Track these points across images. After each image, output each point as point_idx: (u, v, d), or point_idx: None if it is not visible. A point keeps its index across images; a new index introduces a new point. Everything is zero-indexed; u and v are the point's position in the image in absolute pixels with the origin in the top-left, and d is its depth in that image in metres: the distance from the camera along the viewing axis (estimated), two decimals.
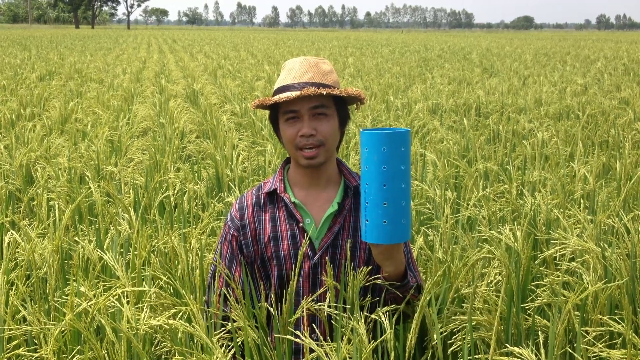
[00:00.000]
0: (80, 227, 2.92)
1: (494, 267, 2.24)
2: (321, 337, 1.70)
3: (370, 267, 1.76)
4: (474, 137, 5.05)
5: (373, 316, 1.69)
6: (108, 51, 22.70)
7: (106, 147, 4.32)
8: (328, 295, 1.74)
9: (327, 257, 1.84)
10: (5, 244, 2.27)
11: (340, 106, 1.85)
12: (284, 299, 1.81)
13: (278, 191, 1.89)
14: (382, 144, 1.63)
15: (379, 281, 1.76)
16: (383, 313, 1.66)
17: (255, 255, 1.89)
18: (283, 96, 1.78)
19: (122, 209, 2.94)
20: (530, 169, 4.09)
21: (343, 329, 1.68)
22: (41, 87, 8.91)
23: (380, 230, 1.65)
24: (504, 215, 3.05)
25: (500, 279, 2.22)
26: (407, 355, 1.69)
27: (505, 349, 1.75)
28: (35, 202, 3.12)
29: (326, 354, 1.57)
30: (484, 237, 2.63)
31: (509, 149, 4.76)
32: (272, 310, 1.72)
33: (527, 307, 2.07)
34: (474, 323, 1.91)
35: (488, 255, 2.29)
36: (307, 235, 1.83)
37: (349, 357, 1.61)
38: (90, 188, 3.16)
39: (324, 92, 1.75)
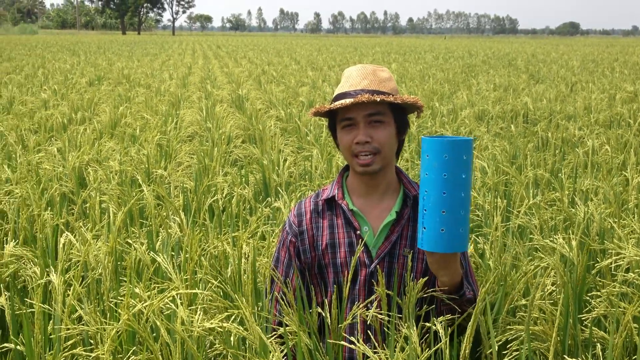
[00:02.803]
0: (132, 229, 2.97)
1: (548, 277, 2.20)
2: (376, 345, 1.69)
3: (427, 278, 1.74)
4: (522, 144, 4.98)
5: (428, 325, 1.67)
6: (154, 57, 23.08)
7: (156, 151, 4.39)
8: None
9: (383, 266, 1.83)
10: (60, 245, 2.32)
11: (398, 114, 1.84)
12: (339, 306, 1.82)
13: (336, 198, 1.89)
14: (444, 151, 1.61)
15: (435, 293, 1.74)
16: (438, 323, 1.64)
17: (313, 261, 1.89)
18: (337, 103, 1.78)
19: (173, 212, 2.98)
20: (582, 177, 4.01)
21: (396, 337, 1.67)
22: (91, 91, 9.11)
23: (438, 238, 1.63)
24: (555, 224, 2.99)
25: (555, 288, 2.18)
26: None
27: None
28: (88, 205, 3.18)
29: None
30: (535, 245, 2.59)
31: (559, 157, 4.68)
32: (324, 313, 1.72)
33: (583, 318, 2.02)
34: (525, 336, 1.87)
35: (542, 264, 2.25)
36: (362, 242, 1.82)
37: None
38: (141, 191, 3.21)
39: (377, 99, 1.75)
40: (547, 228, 2.88)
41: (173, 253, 2.58)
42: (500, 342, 1.89)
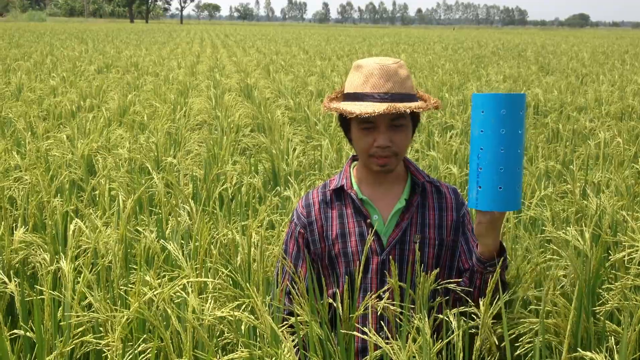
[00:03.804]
0: (141, 217, 2.96)
1: (560, 269, 2.18)
2: (389, 335, 1.67)
3: (438, 270, 1.73)
4: (533, 135, 4.94)
5: (441, 316, 1.65)
6: (162, 45, 23.05)
7: (165, 139, 4.37)
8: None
9: (394, 254, 1.82)
10: (70, 232, 2.31)
11: (415, 115, 1.82)
12: (352, 296, 1.80)
13: (345, 187, 1.87)
14: (501, 106, 1.57)
15: (450, 285, 1.71)
16: (452, 314, 1.62)
17: (323, 252, 1.88)
18: (364, 110, 1.72)
19: (182, 200, 2.97)
20: (593, 169, 3.98)
21: (408, 328, 1.65)
22: (99, 79, 9.10)
23: (495, 196, 1.60)
24: (567, 216, 2.97)
25: (567, 281, 2.16)
26: (474, 356, 1.65)
27: (576, 354, 1.70)
28: (97, 192, 3.17)
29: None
30: (548, 237, 2.57)
31: (570, 149, 4.64)
32: (335, 304, 1.71)
33: (596, 311, 2.00)
34: (539, 328, 1.85)
35: (554, 257, 2.23)
36: (372, 231, 1.81)
37: (413, 357, 1.58)
38: (151, 179, 3.20)
39: (407, 110, 1.71)
40: (559, 220, 2.85)
41: (183, 241, 2.57)
42: (513, 336, 1.87)
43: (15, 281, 2.03)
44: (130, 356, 1.69)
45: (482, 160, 1.59)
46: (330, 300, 1.79)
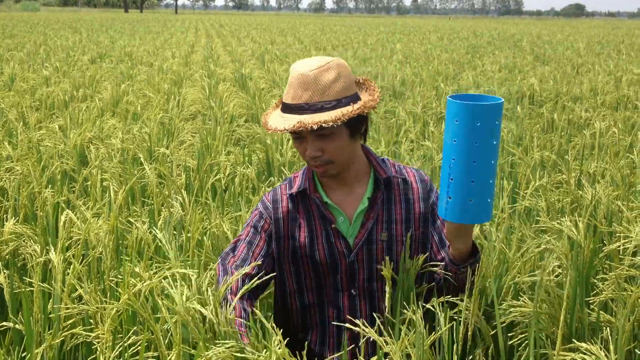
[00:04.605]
0: (133, 208, 2.94)
1: (554, 259, 2.17)
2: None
3: (426, 255, 1.72)
4: (529, 125, 4.93)
5: (428, 306, 1.62)
6: (157, 35, 22.94)
7: (158, 129, 4.34)
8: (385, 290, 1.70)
9: (362, 255, 1.79)
10: (61, 223, 2.29)
11: (350, 120, 1.67)
12: (322, 292, 1.82)
13: (308, 192, 1.81)
14: (476, 117, 1.47)
15: (438, 270, 1.71)
16: (438, 304, 1.61)
17: (287, 250, 1.83)
18: (273, 127, 1.67)
19: (175, 191, 2.95)
20: (589, 159, 3.97)
21: (398, 320, 1.64)
22: (93, 69, 9.04)
23: (465, 208, 1.53)
24: (562, 206, 2.96)
25: (561, 271, 2.15)
26: (458, 347, 1.64)
27: (570, 345, 1.69)
28: (89, 183, 3.15)
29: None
30: (542, 228, 2.55)
31: (565, 139, 4.63)
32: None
33: (589, 301, 1.99)
34: (533, 317, 1.84)
35: (548, 246, 2.21)
36: (340, 235, 1.79)
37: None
38: (143, 169, 3.18)
39: (314, 127, 1.59)
40: (554, 210, 2.84)
41: (175, 232, 2.55)
42: (505, 324, 1.86)
43: (4, 273, 2.01)
44: (120, 349, 1.67)
45: (454, 171, 1.51)
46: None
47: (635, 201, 2.81)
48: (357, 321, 1.57)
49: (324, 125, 1.60)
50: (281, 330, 1.45)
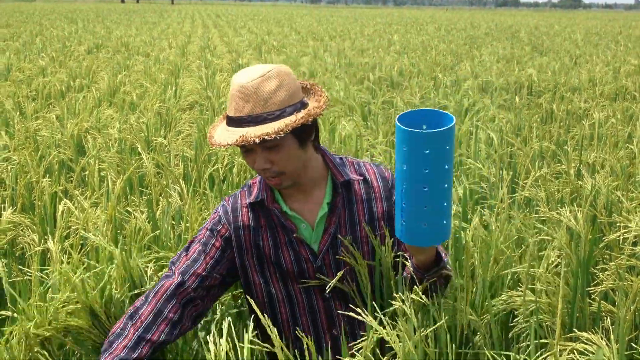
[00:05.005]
0: (131, 197, 2.93)
1: (553, 249, 2.16)
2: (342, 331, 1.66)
3: (399, 253, 1.72)
4: (527, 116, 4.92)
5: (413, 296, 1.60)
6: (153, 25, 22.85)
7: (155, 119, 4.32)
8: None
9: (328, 259, 1.77)
10: (59, 213, 2.27)
11: (295, 129, 1.61)
12: (292, 301, 1.80)
13: (266, 203, 1.76)
14: (426, 145, 1.39)
15: (409, 266, 1.68)
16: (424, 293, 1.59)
17: (252, 260, 1.79)
18: (217, 141, 1.61)
19: (173, 181, 2.93)
20: (588, 149, 3.96)
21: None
22: (89, 59, 9.00)
23: (419, 233, 1.47)
24: (562, 197, 2.95)
25: (560, 261, 2.14)
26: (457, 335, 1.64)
27: (571, 334, 1.68)
28: (87, 172, 3.13)
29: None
30: (542, 218, 2.55)
31: (564, 129, 4.63)
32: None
33: (590, 292, 1.99)
34: (534, 307, 1.83)
35: (547, 237, 2.21)
36: (304, 242, 1.76)
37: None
38: (140, 159, 3.16)
39: (256, 140, 1.54)
40: (553, 200, 2.84)
41: (174, 222, 2.54)
42: (504, 312, 1.85)
43: (2, 262, 2.00)
44: None
45: (405, 197, 1.45)
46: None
47: (634, 191, 2.80)
48: (354, 314, 1.56)
49: (267, 137, 1.54)
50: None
